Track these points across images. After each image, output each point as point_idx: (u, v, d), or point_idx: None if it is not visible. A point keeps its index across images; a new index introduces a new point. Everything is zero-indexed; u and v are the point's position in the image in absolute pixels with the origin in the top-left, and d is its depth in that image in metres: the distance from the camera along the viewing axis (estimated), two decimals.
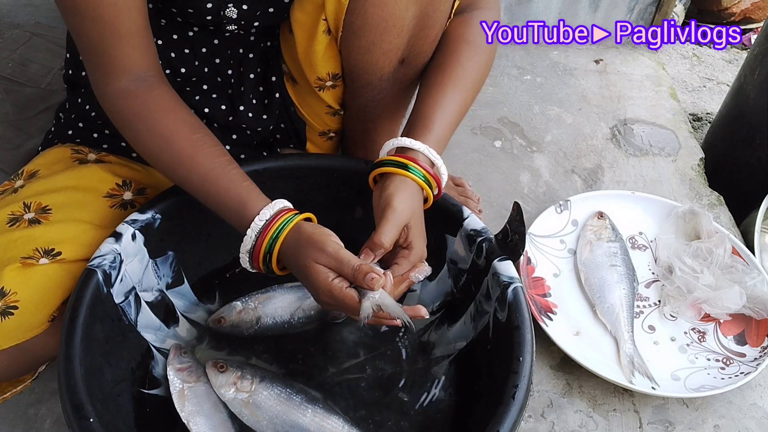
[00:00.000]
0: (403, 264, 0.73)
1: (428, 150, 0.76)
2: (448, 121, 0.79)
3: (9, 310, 0.70)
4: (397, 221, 0.71)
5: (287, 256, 0.70)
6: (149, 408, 0.79)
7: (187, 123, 0.74)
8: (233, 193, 0.72)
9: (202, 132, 0.75)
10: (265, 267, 0.72)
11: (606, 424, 0.90)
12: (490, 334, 0.80)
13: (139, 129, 0.74)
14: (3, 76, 1.32)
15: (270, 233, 0.69)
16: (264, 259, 0.71)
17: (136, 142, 0.75)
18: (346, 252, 0.67)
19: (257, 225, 0.70)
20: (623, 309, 0.98)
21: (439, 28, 0.81)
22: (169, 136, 0.73)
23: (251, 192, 0.72)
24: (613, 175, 1.29)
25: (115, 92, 0.73)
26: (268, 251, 0.70)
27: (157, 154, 0.74)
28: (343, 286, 0.67)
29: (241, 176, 0.74)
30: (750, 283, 0.99)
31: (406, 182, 0.74)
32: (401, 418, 0.82)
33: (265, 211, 0.70)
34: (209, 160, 0.73)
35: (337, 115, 0.95)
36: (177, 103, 0.75)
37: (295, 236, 0.69)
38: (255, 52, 0.90)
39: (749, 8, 1.92)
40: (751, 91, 1.28)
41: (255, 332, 0.88)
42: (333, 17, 0.77)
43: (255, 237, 0.70)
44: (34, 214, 0.76)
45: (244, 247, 0.71)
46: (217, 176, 0.73)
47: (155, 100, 0.73)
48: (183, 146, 0.73)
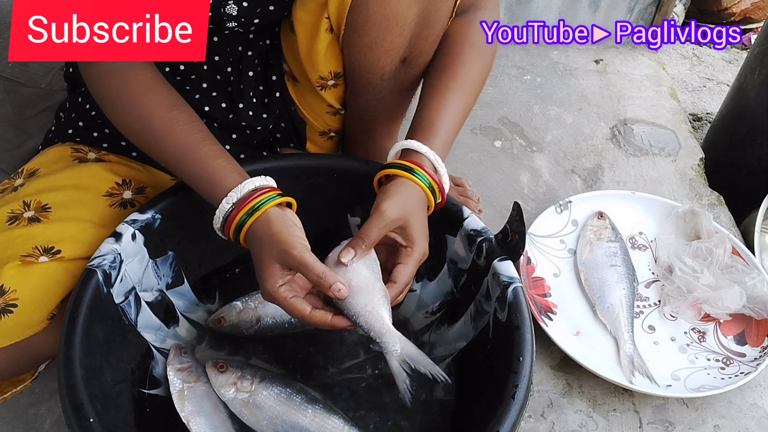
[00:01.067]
0: (408, 262, 0.71)
1: (434, 156, 0.75)
2: (453, 126, 0.79)
3: (8, 308, 0.70)
4: (382, 222, 0.70)
5: (252, 243, 0.71)
6: (149, 408, 0.79)
7: (164, 101, 0.74)
8: (205, 172, 0.72)
9: (178, 109, 0.75)
10: (236, 242, 0.73)
11: (606, 424, 0.90)
12: (490, 334, 0.80)
13: (120, 109, 0.75)
14: (3, 76, 1.32)
15: (239, 216, 0.70)
16: (234, 239, 0.72)
17: (118, 122, 0.76)
18: (311, 256, 0.66)
19: (224, 207, 0.71)
20: (623, 309, 0.98)
21: (440, 27, 0.81)
22: (146, 115, 0.73)
23: (222, 170, 0.72)
24: (613, 175, 1.29)
25: (99, 73, 0.74)
26: (237, 231, 0.71)
27: (136, 133, 0.75)
28: (288, 296, 0.67)
29: (215, 153, 0.73)
30: (750, 283, 0.99)
31: (405, 184, 0.73)
32: (401, 418, 0.82)
33: (232, 194, 0.70)
34: (183, 138, 0.73)
35: (338, 115, 0.95)
36: (157, 82, 0.75)
37: (264, 227, 0.69)
38: (254, 50, 0.90)
39: (749, 8, 1.92)
40: (751, 91, 1.28)
41: (255, 332, 0.88)
42: (335, 15, 0.77)
43: (222, 219, 0.71)
44: (33, 213, 0.77)
45: (215, 224, 0.73)
46: (190, 154, 0.73)
47: (136, 79, 0.74)
48: (159, 125, 0.73)
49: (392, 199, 0.71)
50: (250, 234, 0.70)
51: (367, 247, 0.70)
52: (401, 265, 0.71)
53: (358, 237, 0.70)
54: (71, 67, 0.91)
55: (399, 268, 0.71)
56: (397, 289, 0.70)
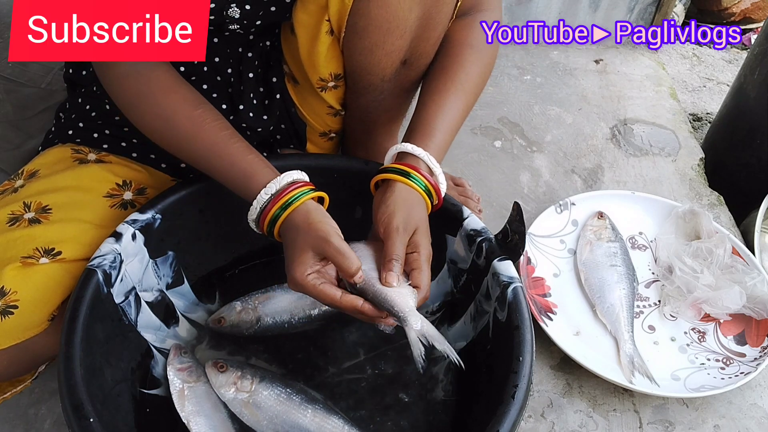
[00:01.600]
0: (420, 266, 0.72)
1: (429, 157, 0.76)
2: (450, 127, 0.80)
3: (9, 310, 0.70)
4: (402, 238, 0.72)
5: (287, 233, 0.72)
6: (149, 408, 0.79)
7: (188, 100, 0.75)
8: (238, 167, 0.73)
9: (203, 107, 0.76)
10: (269, 235, 0.74)
11: (606, 424, 0.90)
12: (490, 334, 0.80)
13: (142, 109, 0.75)
14: (3, 76, 1.32)
15: (275, 208, 0.71)
16: (268, 230, 0.73)
17: (140, 123, 0.76)
18: (347, 247, 0.68)
19: (262, 198, 0.71)
20: (623, 309, 0.98)
21: (441, 29, 0.81)
22: (171, 115, 0.74)
23: (255, 165, 0.74)
24: (613, 175, 1.29)
25: (117, 75, 0.74)
26: (272, 224, 0.72)
27: (160, 133, 0.76)
28: (317, 283, 0.68)
29: (246, 149, 0.75)
30: (750, 283, 0.99)
31: (405, 190, 0.74)
32: (401, 418, 0.82)
33: (271, 186, 0.71)
34: (212, 135, 0.74)
35: (338, 116, 0.95)
36: (177, 81, 0.76)
37: (303, 218, 0.70)
38: (254, 51, 0.90)
39: (749, 8, 1.92)
40: (751, 91, 1.28)
41: (255, 332, 0.88)
42: (336, 18, 0.77)
43: (260, 209, 0.72)
44: (34, 214, 0.77)
45: (250, 216, 0.73)
46: (221, 151, 0.74)
47: (156, 80, 0.74)
48: (185, 124, 0.74)
49: (400, 213, 0.73)
50: (286, 224, 0.71)
51: (401, 265, 0.71)
52: (415, 270, 0.72)
53: (391, 259, 0.71)
54: (71, 68, 0.91)
55: (414, 273, 0.72)
56: (423, 293, 0.71)
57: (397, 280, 0.70)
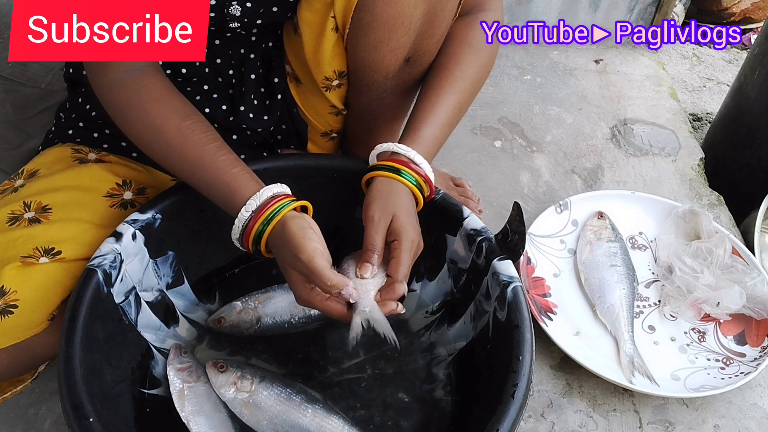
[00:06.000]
0: (398, 255, 0.71)
1: (407, 149, 0.76)
2: (441, 123, 0.80)
3: (9, 309, 0.70)
4: (378, 227, 0.72)
5: (274, 249, 0.71)
6: (149, 408, 0.79)
7: (178, 111, 0.74)
8: (222, 182, 0.72)
9: (192, 119, 0.75)
10: (255, 253, 0.73)
11: (606, 424, 0.90)
12: (489, 334, 0.80)
13: (131, 119, 0.74)
14: (3, 76, 1.32)
15: (257, 225, 0.70)
16: (254, 247, 0.72)
17: (129, 132, 0.76)
18: (320, 262, 0.65)
19: (243, 216, 0.71)
20: (623, 309, 0.98)
21: (445, 27, 0.81)
22: (159, 125, 0.73)
23: (239, 179, 0.72)
24: (613, 175, 1.29)
25: (110, 83, 0.74)
26: (256, 241, 0.71)
27: (148, 143, 0.75)
28: (323, 298, 0.68)
29: (231, 163, 0.73)
30: (750, 283, 0.99)
31: (385, 182, 0.75)
32: (401, 418, 0.82)
33: (251, 202, 0.70)
34: (198, 147, 0.73)
35: (340, 115, 0.95)
36: (169, 91, 0.75)
37: (280, 232, 0.69)
38: (256, 52, 0.90)
39: (749, 8, 1.92)
40: (751, 91, 1.28)
41: (255, 332, 0.88)
42: (341, 14, 0.77)
43: (242, 228, 0.71)
44: (34, 213, 0.77)
45: (233, 235, 0.73)
46: (206, 164, 0.73)
47: (147, 89, 0.74)
48: (173, 135, 0.73)
49: (376, 202, 0.73)
50: (271, 240, 0.71)
51: (379, 255, 0.71)
52: (393, 260, 0.72)
53: (367, 249, 0.71)
54: (71, 68, 0.91)
55: (391, 263, 0.71)
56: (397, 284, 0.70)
57: (371, 271, 0.70)
